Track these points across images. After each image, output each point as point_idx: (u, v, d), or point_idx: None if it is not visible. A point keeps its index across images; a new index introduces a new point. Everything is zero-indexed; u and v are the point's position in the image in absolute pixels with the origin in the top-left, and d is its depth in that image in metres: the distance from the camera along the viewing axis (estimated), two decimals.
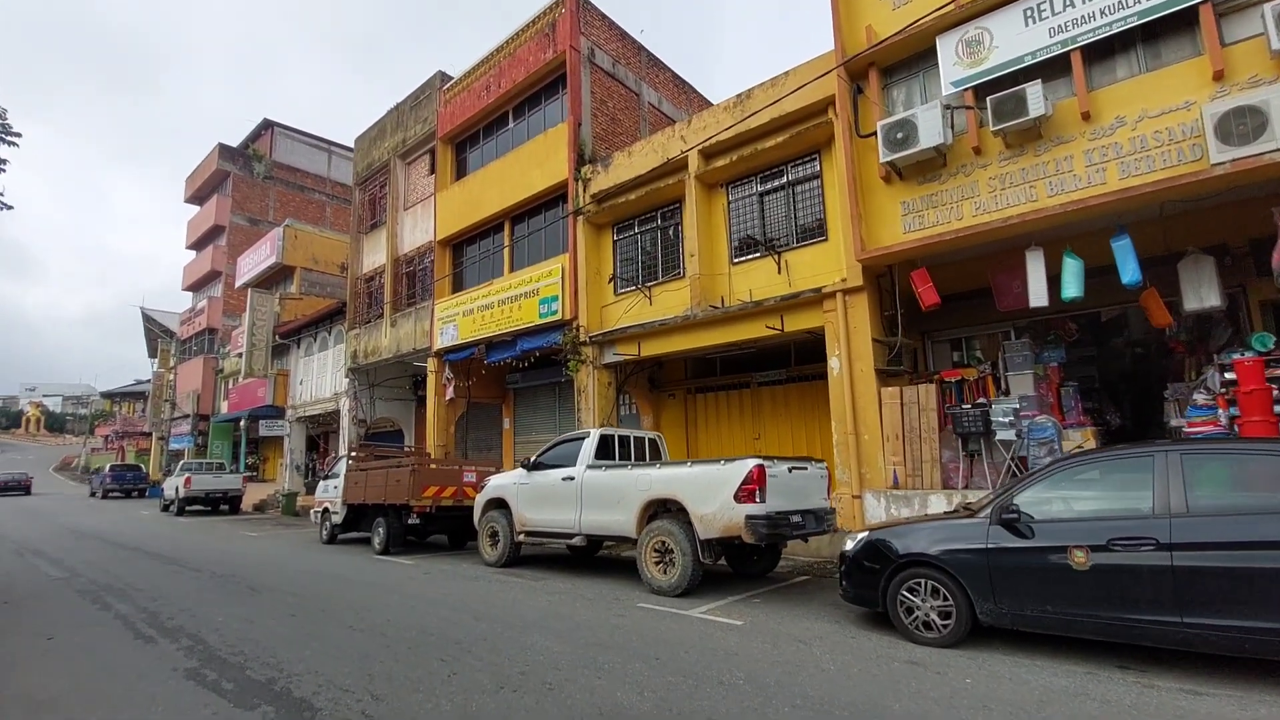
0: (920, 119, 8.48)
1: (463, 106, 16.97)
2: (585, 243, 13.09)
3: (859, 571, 5.15)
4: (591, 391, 12.60)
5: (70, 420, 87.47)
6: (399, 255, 19.11)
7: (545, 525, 8.02)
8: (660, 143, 12.14)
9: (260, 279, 27.33)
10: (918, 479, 8.69)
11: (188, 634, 5.44)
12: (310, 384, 23.07)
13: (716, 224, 11.47)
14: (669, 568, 6.49)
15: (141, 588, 7.63)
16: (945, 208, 8.65)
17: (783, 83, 10.41)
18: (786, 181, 10.71)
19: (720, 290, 11.12)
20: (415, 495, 9.54)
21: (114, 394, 59.80)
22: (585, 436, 8.02)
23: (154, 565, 9.57)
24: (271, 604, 6.57)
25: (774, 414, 12.58)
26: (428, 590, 7.03)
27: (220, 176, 34.12)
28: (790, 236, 10.61)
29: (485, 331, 14.97)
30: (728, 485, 6.14)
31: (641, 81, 16.24)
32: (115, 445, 50.45)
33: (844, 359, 9.33)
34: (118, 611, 6.38)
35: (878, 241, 9.12)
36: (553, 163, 14.06)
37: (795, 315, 10.09)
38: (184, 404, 31.86)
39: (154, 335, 38.96)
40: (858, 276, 9.28)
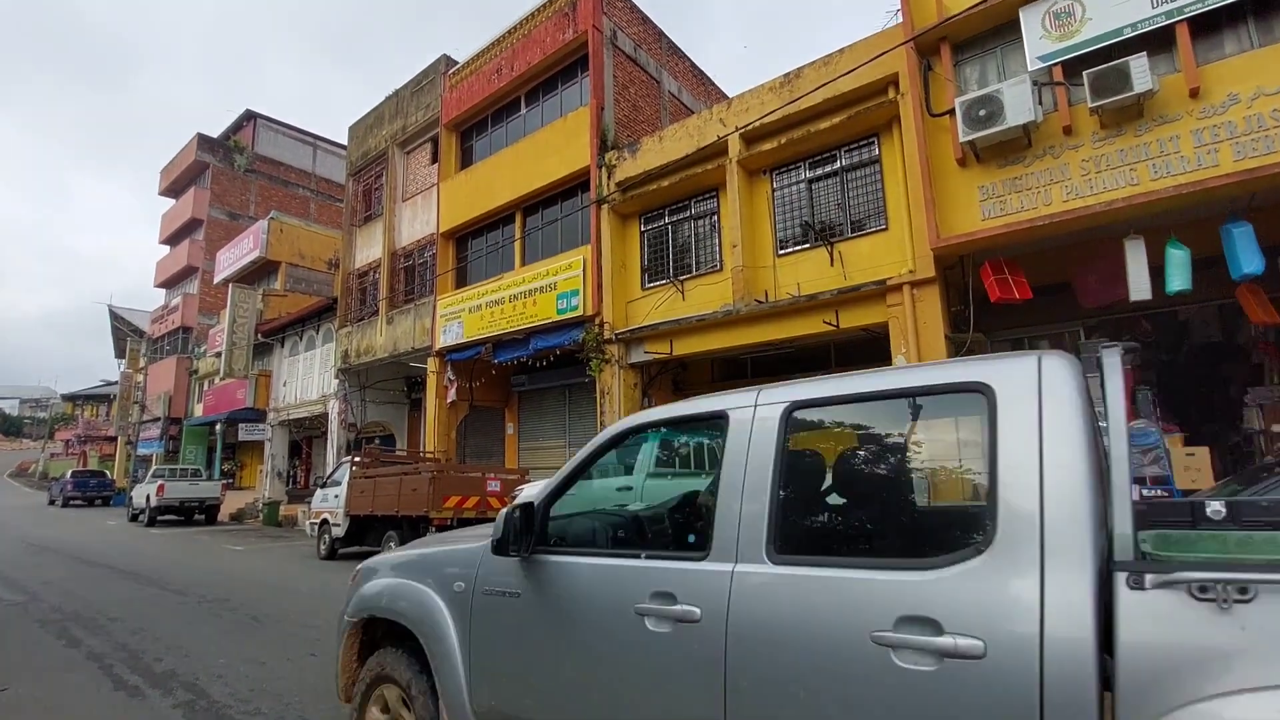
0: (1007, 94, 7.73)
1: (470, 91, 15.97)
2: (610, 233, 12.15)
3: None
4: (617, 393, 11.62)
5: (28, 424, 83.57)
6: (396, 249, 17.96)
7: None
8: (696, 126, 11.28)
9: (242, 274, 25.86)
10: None
11: (183, 682, 4.34)
12: (295, 385, 21.69)
13: (759, 213, 10.61)
14: None
15: (117, 616, 6.44)
16: (1031, 192, 7.90)
17: (837, 61, 9.63)
18: (840, 167, 9.90)
19: (764, 283, 10.25)
20: (435, 506, 8.45)
21: (76, 396, 56.96)
22: (644, 441, 7.04)
23: (129, 587, 8.34)
24: (282, 640, 5.46)
25: None
26: None
27: (199, 168, 32.53)
28: (844, 226, 9.79)
29: (494, 329, 13.91)
30: None
31: (662, 69, 15.42)
32: (77, 450, 47.87)
33: (911, 357, 8.50)
34: (90, 649, 5.23)
35: (953, 229, 8.33)
36: (572, 149, 13.12)
37: (853, 310, 9.26)
38: (154, 407, 30.06)
39: (122, 334, 36.96)
40: (928, 267, 8.48)
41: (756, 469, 1.99)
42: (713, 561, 1.96)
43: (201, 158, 31.96)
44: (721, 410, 2.22)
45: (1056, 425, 1.57)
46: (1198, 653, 1.29)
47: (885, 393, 1.97)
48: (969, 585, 1.52)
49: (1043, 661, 1.38)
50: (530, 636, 2.35)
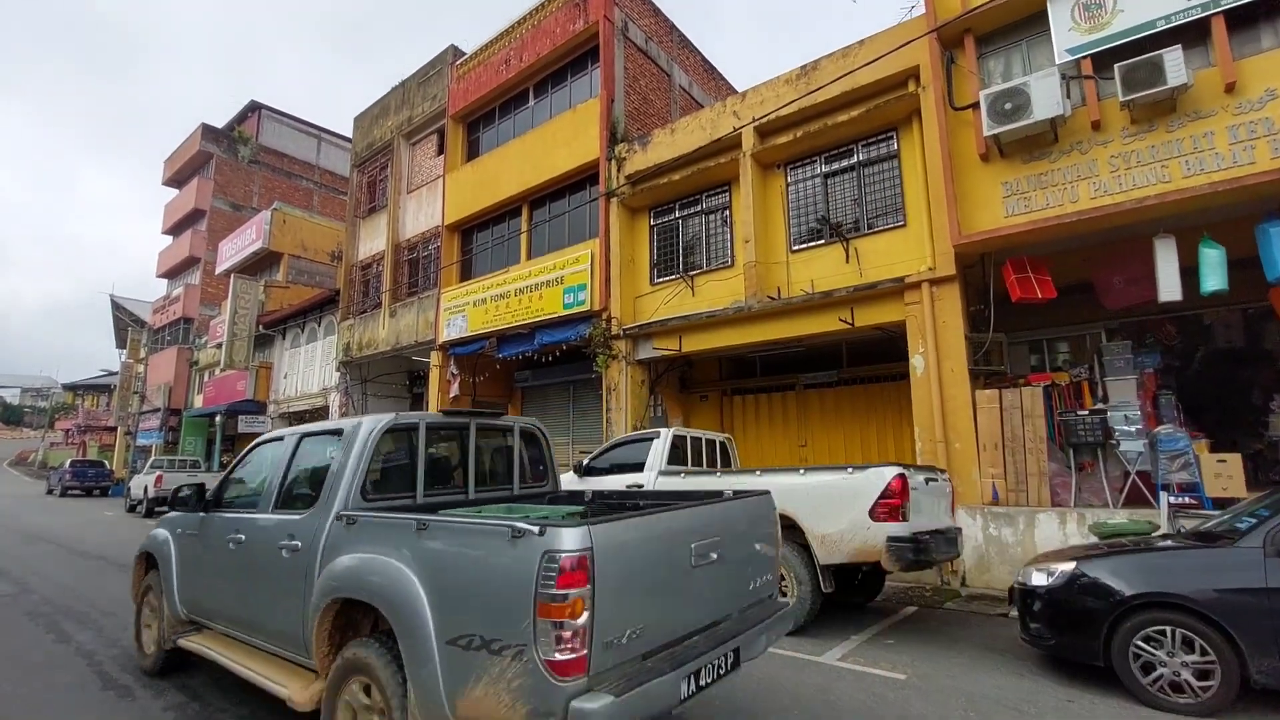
0: (1034, 87, 7.51)
1: (478, 82, 15.74)
2: (619, 227, 11.92)
3: (1064, 614, 4.03)
4: (624, 390, 11.39)
5: (29, 413, 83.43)
6: (400, 241, 17.73)
7: None
8: (709, 118, 11.06)
9: (244, 265, 25.63)
10: (1021, 494, 7.64)
11: (175, 683, 4.12)
12: (296, 378, 21.47)
13: (773, 208, 10.39)
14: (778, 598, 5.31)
15: (109, 611, 6.23)
16: (1057, 189, 7.67)
17: (856, 53, 9.39)
18: (857, 161, 9.67)
19: (777, 280, 10.02)
20: None
21: (77, 386, 56.80)
22: (654, 437, 6.83)
23: (124, 581, 8.10)
24: None
25: (822, 419, 11.50)
26: None
27: (202, 158, 32.29)
28: (860, 222, 9.56)
29: (498, 323, 13.68)
30: (859, 499, 5.00)
31: (673, 63, 15.19)
32: (76, 440, 47.74)
33: (930, 357, 8.27)
34: (80, 645, 5.02)
35: (975, 226, 8.11)
36: (581, 141, 12.89)
37: (869, 308, 9.03)
38: (154, 397, 29.86)
39: (123, 325, 36.75)
40: (949, 264, 8.25)
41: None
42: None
43: (205, 148, 31.72)
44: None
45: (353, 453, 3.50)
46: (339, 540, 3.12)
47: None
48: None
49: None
50: (203, 559, 4.15)
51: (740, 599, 3.10)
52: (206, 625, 4.02)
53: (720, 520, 3.06)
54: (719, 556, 2.91)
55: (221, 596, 3.89)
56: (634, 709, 2.21)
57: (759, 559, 3.32)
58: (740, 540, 3.18)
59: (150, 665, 4.39)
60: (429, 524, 2.65)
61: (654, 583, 2.58)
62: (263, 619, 3.51)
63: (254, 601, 3.59)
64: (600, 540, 2.28)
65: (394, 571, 2.65)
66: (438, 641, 2.44)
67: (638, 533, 2.56)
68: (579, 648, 2.16)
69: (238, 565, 3.73)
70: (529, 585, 2.20)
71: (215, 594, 3.95)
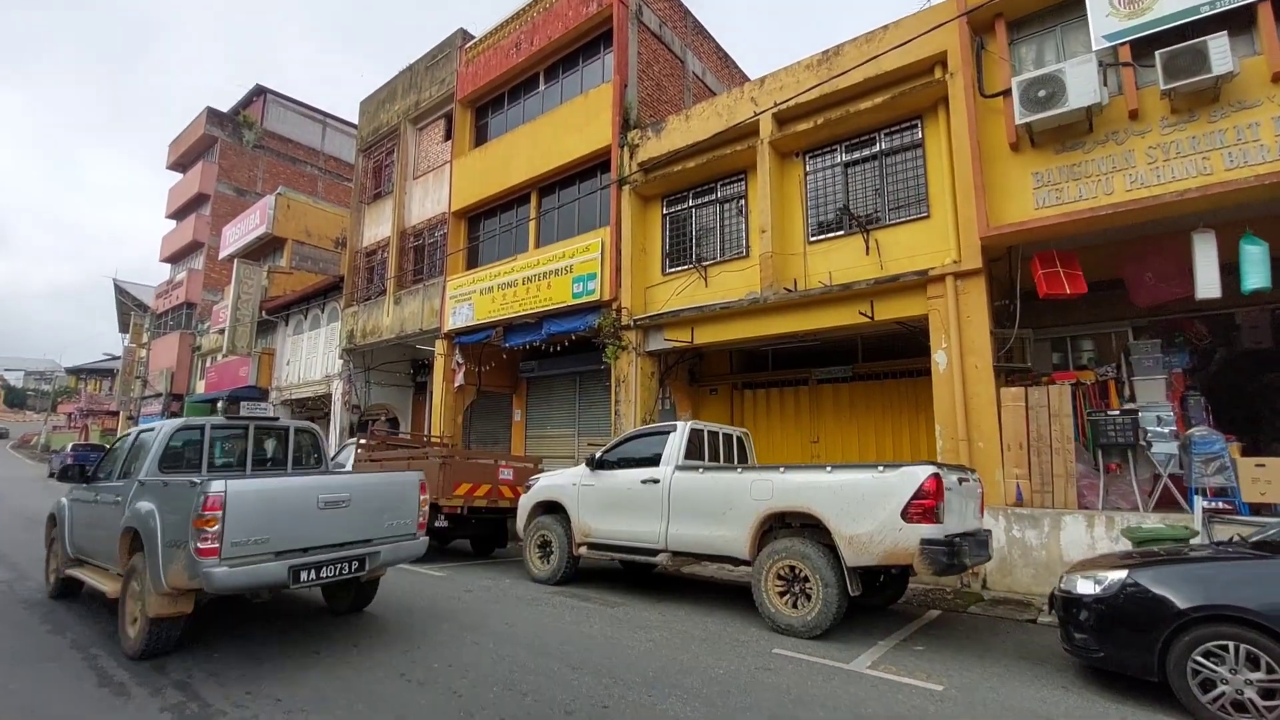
0: (1069, 74, 7.23)
1: (487, 67, 15.43)
2: (631, 216, 11.66)
3: (1114, 625, 3.80)
4: (633, 382, 11.16)
5: (32, 396, 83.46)
6: (406, 228, 17.47)
7: (616, 538, 6.56)
8: (725, 105, 10.77)
9: (247, 250, 25.40)
10: (1046, 496, 7.41)
11: (174, 680, 3.92)
12: (298, 365, 21.26)
13: (790, 197, 10.12)
14: (801, 601, 5.09)
15: (107, 601, 6.02)
16: (1091, 180, 7.40)
17: (881, 38, 9.10)
18: (879, 150, 9.38)
19: (793, 271, 9.77)
20: (445, 493, 8.00)
21: (80, 370, 56.71)
22: (670, 431, 6.59)
23: None
24: (283, 634, 5.04)
25: (836, 415, 11.26)
26: (484, 619, 5.54)
27: (207, 142, 32.00)
28: (881, 213, 9.29)
29: (505, 312, 13.44)
30: (891, 498, 4.77)
31: (687, 49, 14.86)
32: (79, 424, 47.68)
33: (953, 353, 8.02)
34: (75, 637, 4.82)
35: (1003, 218, 7.84)
36: (593, 127, 12.60)
37: (890, 301, 8.78)
38: (156, 382, 29.70)
39: (126, 309, 36.58)
40: (975, 258, 7.98)
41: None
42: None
43: (210, 132, 31.42)
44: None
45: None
46: (136, 496, 4.90)
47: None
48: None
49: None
50: (80, 514, 5.88)
51: (371, 531, 4.86)
52: (84, 561, 5.76)
53: (352, 485, 4.85)
54: (348, 506, 4.70)
55: (88, 538, 5.65)
56: (243, 577, 4.11)
57: (394, 509, 5.05)
58: (373, 496, 4.94)
59: (51, 591, 6.25)
60: (166, 483, 4.68)
61: (278, 513, 4.35)
62: (103, 549, 5.25)
63: (100, 537, 5.35)
64: (231, 489, 4.12)
65: (148, 509, 4.55)
66: (162, 544, 4.29)
67: (260, 486, 4.38)
68: (214, 543, 4.01)
69: (96, 517, 5.48)
70: (192, 511, 4.04)
71: (86, 537, 5.70)
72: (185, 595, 4.27)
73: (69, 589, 6.06)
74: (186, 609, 4.33)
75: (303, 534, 4.41)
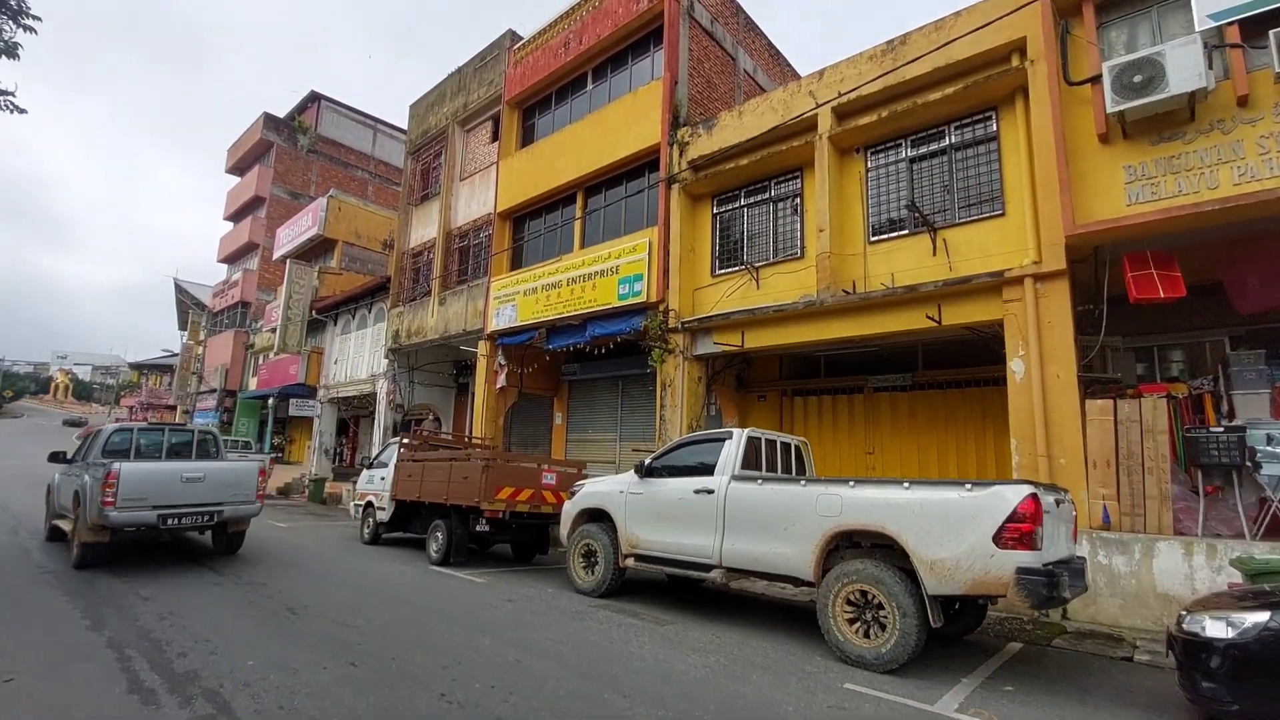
0: (1170, 57, 6.58)
1: (535, 67, 15.33)
2: (679, 215, 11.31)
3: (1253, 676, 3.26)
4: (680, 386, 10.78)
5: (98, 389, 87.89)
6: (452, 229, 17.51)
7: (666, 550, 6.19)
8: (781, 99, 10.34)
9: (299, 251, 26.00)
10: (1138, 519, 6.73)
11: (205, 689, 3.72)
12: (345, 364, 21.57)
13: (850, 195, 9.61)
14: (874, 630, 4.62)
15: (149, 595, 5.96)
16: (1192, 174, 6.72)
17: (951, 25, 8.55)
18: (948, 144, 8.82)
19: (852, 273, 9.25)
20: (487, 497, 7.77)
21: (142, 365, 59.34)
22: (725, 438, 6.19)
23: (165, 560, 7.95)
24: (319, 640, 4.83)
25: (893, 426, 10.65)
26: (526, 632, 5.24)
27: (264, 147, 33.01)
28: (950, 211, 8.71)
29: (549, 313, 13.24)
30: (980, 521, 4.27)
31: (738, 46, 14.47)
32: (139, 416, 49.79)
33: (1032, 361, 7.40)
34: (112, 635, 4.69)
35: (1091, 215, 7.20)
36: (643, 125, 12.31)
37: (959, 305, 8.19)
38: (211, 378, 30.68)
39: (185, 307, 38.03)
40: (1058, 258, 7.36)
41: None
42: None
43: (267, 136, 32.41)
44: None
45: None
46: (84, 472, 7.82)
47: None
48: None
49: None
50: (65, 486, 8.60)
51: (220, 497, 7.69)
52: (62, 515, 8.27)
53: (207, 469, 7.79)
54: (204, 481, 7.60)
55: (63, 498, 8.17)
56: (128, 517, 7.01)
57: (237, 484, 7.89)
58: (222, 476, 7.82)
59: (46, 535, 9.14)
60: (86, 464, 7.80)
61: (153, 483, 7.27)
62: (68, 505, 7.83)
63: (67, 498, 7.93)
64: (123, 469, 7.08)
65: (86, 479, 7.21)
66: (87, 499, 7.03)
67: (141, 467, 7.40)
68: (111, 498, 6.87)
69: (67, 485, 8.16)
70: (103, 480, 6.90)
71: (62, 497, 8.24)
72: (102, 530, 7.07)
73: (56, 534, 8.79)
74: (104, 539, 7.16)
75: (170, 496, 7.35)
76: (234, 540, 8.50)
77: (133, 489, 6.98)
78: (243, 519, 8.04)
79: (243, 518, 8.00)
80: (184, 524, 7.39)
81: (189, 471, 7.54)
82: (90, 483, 7.09)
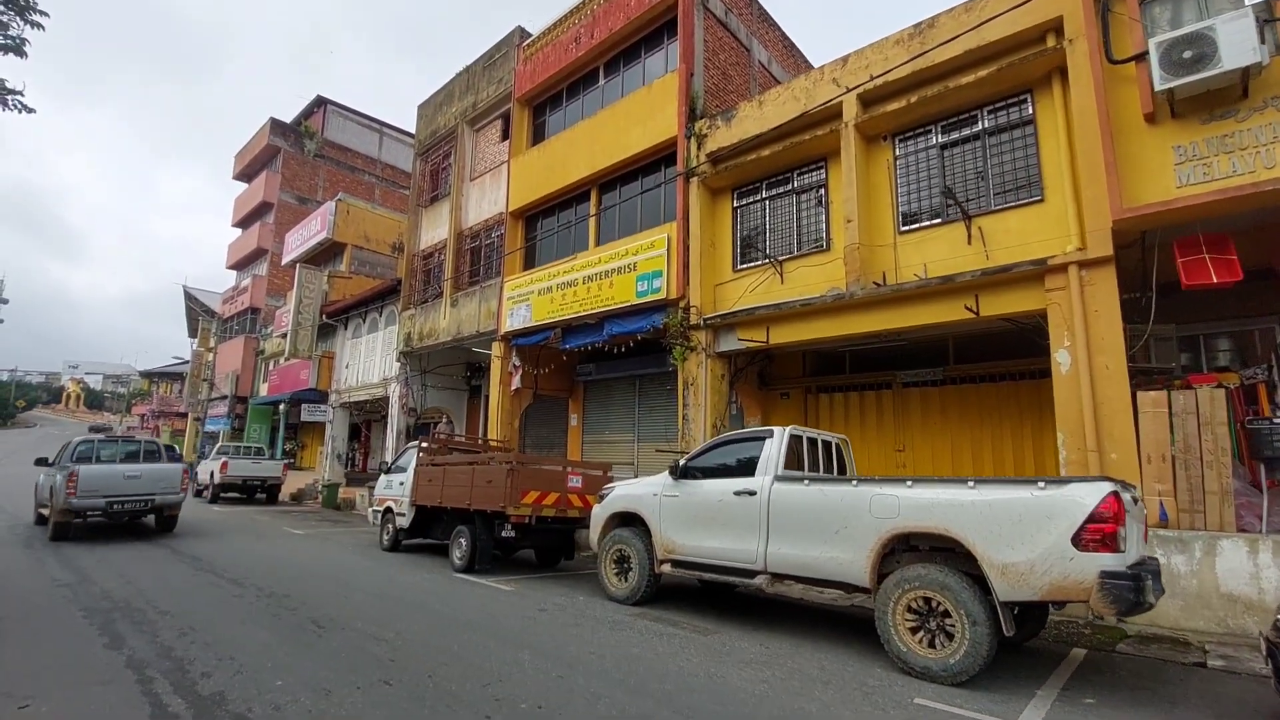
0: (1221, 31, 6.27)
1: (545, 63, 15.10)
2: (699, 209, 11.04)
3: None
4: (703, 385, 10.50)
5: (109, 398, 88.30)
6: (463, 229, 17.30)
7: (705, 555, 5.91)
8: (803, 88, 10.05)
9: (309, 255, 25.87)
10: (1197, 516, 6.41)
11: (232, 712, 3.48)
12: (357, 368, 21.40)
13: (877, 184, 9.32)
14: (940, 639, 4.33)
15: (167, 609, 5.73)
16: (1247, 153, 6.41)
17: (983, 6, 8.24)
18: (981, 129, 8.51)
19: (882, 264, 8.96)
20: (513, 501, 7.51)
21: (152, 373, 59.49)
22: (766, 436, 5.91)
23: (184, 572, 7.73)
24: (350, 657, 4.58)
25: (924, 422, 10.34)
26: (565, 645, 4.97)
27: (271, 152, 32.95)
28: (984, 198, 8.41)
29: (565, 313, 12.99)
30: (1057, 521, 3.98)
31: (752, 37, 14.19)
32: (151, 424, 49.95)
33: (1078, 352, 7.09)
34: (132, 654, 4.46)
35: (1139, 198, 6.88)
36: (658, 119, 12.05)
37: (998, 295, 7.89)
38: (222, 384, 30.61)
39: (195, 314, 38.01)
40: (1104, 244, 7.05)
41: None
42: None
43: (274, 142, 32.33)
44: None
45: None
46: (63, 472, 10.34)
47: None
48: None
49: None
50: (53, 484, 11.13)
51: (153, 489, 10.48)
52: (45, 505, 10.70)
53: (143, 469, 10.57)
54: (140, 479, 10.39)
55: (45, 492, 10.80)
56: (85, 503, 9.84)
57: (165, 480, 10.68)
58: (155, 474, 10.59)
59: (34, 520, 11.76)
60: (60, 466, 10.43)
61: (103, 480, 10.07)
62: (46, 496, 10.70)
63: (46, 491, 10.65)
64: (81, 470, 9.87)
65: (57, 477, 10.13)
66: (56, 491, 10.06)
67: (95, 469, 10.15)
68: (72, 490, 9.68)
69: (47, 482, 10.79)
70: (67, 478, 9.70)
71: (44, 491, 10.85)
72: (68, 513, 9.72)
73: (40, 519, 11.42)
74: (71, 520, 9.80)
75: (115, 489, 10.02)
76: (169, 521, 11.29)
77: (88, 484, 9.73)
78: (172, 505, 10.81)
79: (171, 504, 10.76)
80: (126, 508, 10.19)
81: (129, 471, 10.29)
82: (60, 479, 9.81)
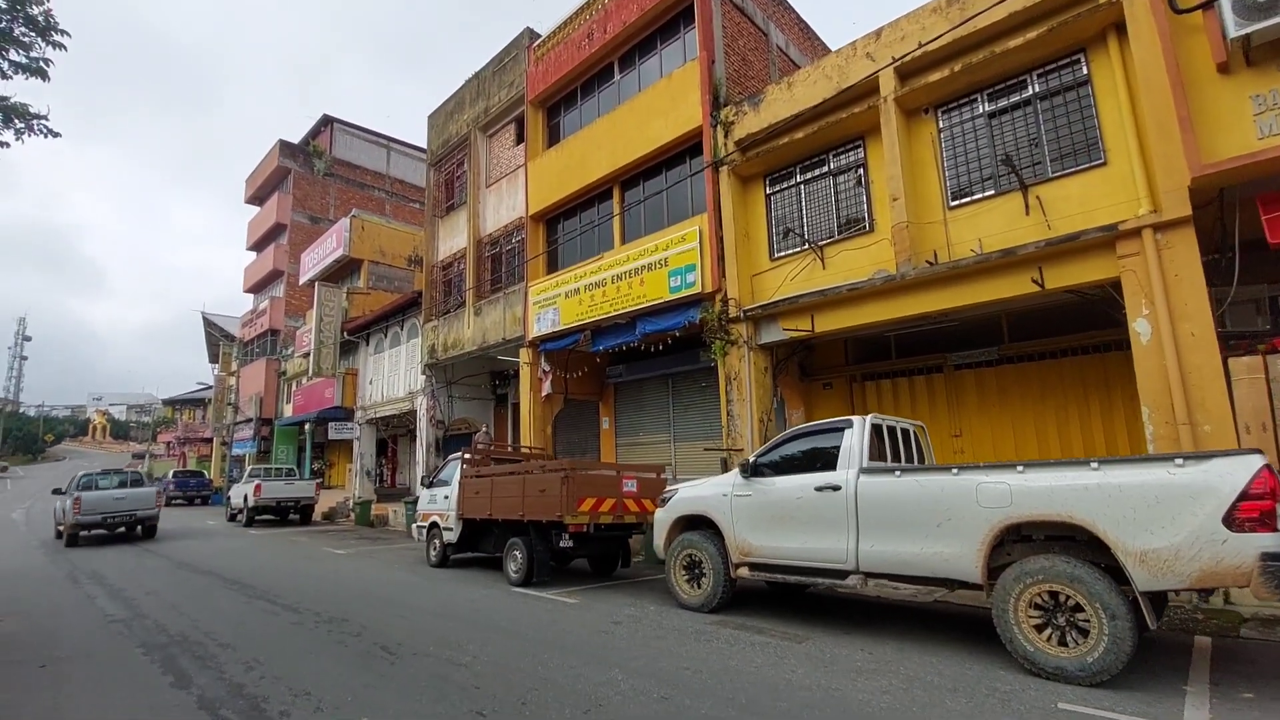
0: None
1: (557, 62, 14.84)
2: (730, 199, 10.71)
3: None
4: (746, 379, 10.17)
5: (134, 428, 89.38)
6: (482, 237, 17.08)
7: (786, 556, 5.58)
8: (835, 65, 9.70)
9: (326, 273, 25.82)
10: None
11: None
12: (381, 383, 21.26)
13: (921, 160, 8.94)
14: (1072, 636, 3.98)
15: (228, 642, 5.49)
16: None
17: None
18: (1032, 94, 8.11)
19: (932, 242, 8.58)
20: (569, 510, 7.23)
21: (175, 401, 60.01)
22: (845, 427, 5.57)
23: (238, 601, 7.51)
24: (430, 684, 4.30)
25: (981, 405, 9.94)
26: (655, 660, 4.64)
27: (281, 174, 33.04)
28: (1041, 165, 8.01)
29: (594, 314, 12.71)
30: (1203, 500, 3.63)
31: (769, 21, 13.84)
32: (177, 452, 50.34)
33: (1159, 320, 6.68)
34: (201, 693, 4.21)
35: (1217, 153, 6.47)
36: (681, 109, 11.74)
37: (1064, 266, 7.48)
38: (246, 408, 30.68)
39: (215, 339, 38.23)
40: (1181, 204, 6.63)
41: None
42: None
43: (283, 163, 32.40)
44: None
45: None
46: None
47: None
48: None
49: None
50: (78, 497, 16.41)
51: (135, 507, 15.00)
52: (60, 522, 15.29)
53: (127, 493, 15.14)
54: (126, 499, 14.95)
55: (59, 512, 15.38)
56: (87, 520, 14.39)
57: (144, 500, 15.27)
58: (134, 496, 15.11)
59: (55, 534, 16.04)
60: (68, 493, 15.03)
61: (99, 502, 14.60)
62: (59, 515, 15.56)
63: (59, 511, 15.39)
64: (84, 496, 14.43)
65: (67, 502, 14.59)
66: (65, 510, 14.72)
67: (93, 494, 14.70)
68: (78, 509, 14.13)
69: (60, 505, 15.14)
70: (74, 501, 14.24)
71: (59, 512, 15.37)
72: (75, 527, 14.09)
73: (58, 534, 15.11)
74: (79, 531, 14.31)
75: (108, 508, 14.46)
76: (149, 530, 15.44)
77: (89, 505, 14.07)
78: (150, 518, 15.16)
79: (149, 517, 15.13)
80: (117, 520, 14.60)
81: (117, 495, 14.66)
82: (69, 503, 14.05)
